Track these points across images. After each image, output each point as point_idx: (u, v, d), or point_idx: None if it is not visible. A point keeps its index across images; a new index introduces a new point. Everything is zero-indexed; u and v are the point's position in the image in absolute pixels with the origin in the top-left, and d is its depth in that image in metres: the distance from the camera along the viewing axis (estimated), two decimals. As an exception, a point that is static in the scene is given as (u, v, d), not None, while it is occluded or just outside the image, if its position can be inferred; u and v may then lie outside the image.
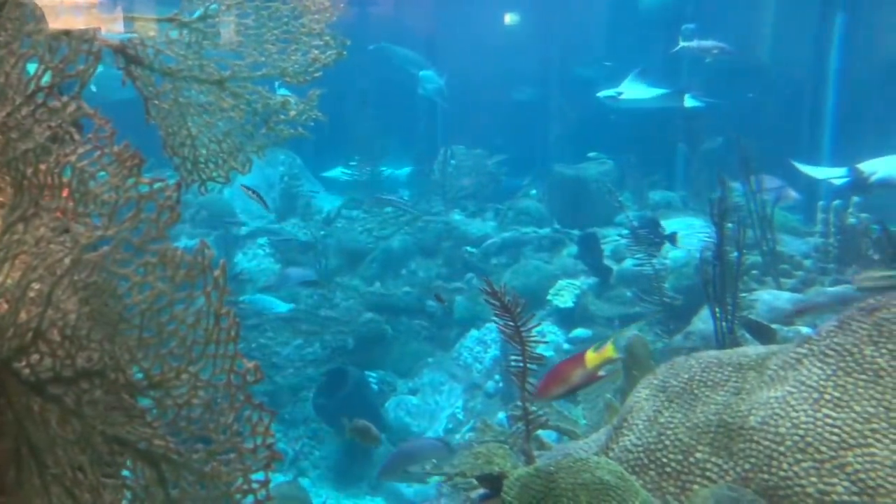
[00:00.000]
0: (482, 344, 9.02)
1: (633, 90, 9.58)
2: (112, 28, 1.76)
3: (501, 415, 7.36)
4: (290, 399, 8.71)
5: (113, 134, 1.19)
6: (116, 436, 1.17)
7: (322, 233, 11.17)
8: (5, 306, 1.25)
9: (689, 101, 9.72)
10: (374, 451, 8.36)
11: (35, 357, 1.20)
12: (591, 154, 10.43)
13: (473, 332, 9.16)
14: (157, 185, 1.12)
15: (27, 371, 1.21)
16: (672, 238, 6.60)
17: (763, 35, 11.78)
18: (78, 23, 1.67)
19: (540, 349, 3.37)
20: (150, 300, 1.12)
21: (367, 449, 8.31)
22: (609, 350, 3.56)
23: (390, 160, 12.63)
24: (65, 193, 1.21)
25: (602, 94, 9.75)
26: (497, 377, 8.48)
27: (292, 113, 1.81)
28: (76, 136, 1.22)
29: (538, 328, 3.37)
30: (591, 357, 3.52)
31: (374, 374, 9.05)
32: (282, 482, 5.84)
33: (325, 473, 8.26)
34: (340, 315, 9.13)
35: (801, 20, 11.15)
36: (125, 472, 1.19)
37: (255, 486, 1.06)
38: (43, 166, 1.23)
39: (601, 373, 3.45)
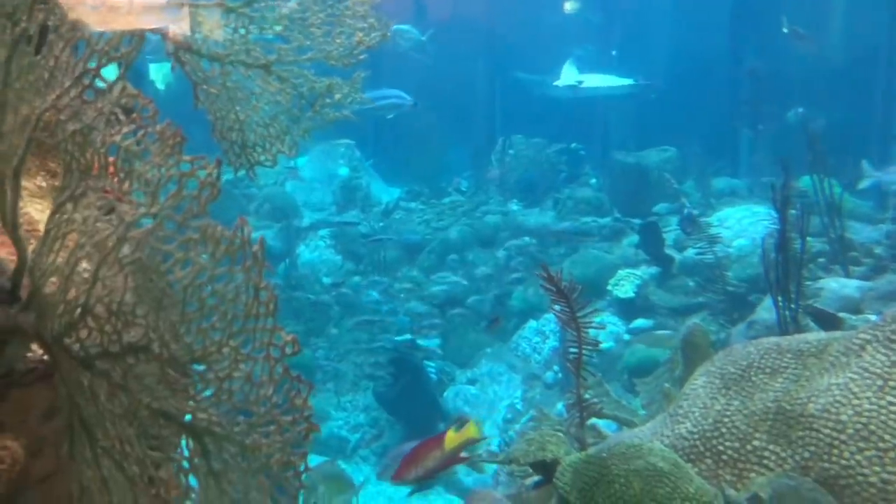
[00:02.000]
0: (540, 334, 8.97)
1: (596, 78, 9.30)
2: (174, 22, 1.80)
3: (560, 405, 7.31)
4: (351, 388, 8.83)
5: (156, 113, 1.22)
6: (162, 409, 1.20)
7: (380, 224, 11.26)
8: (56, 284, 1.29)
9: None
10: (434, 443, 8.40)
11: (84, 333, 1.24)
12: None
13: (532, 323, 9.11)
14: (198, 163, 1.14)
15: (77, 347, 1.25)
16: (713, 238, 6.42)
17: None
18: (145, 21, 1.71)
19: (601, 339, 3.33)
20: (192, 276, 1.14)
21: (425, 437, 8.37)
22: (471, 430, 3.49)
23: (450, 150, 12.62)
24: (111, 173, 1.25)
25: (560, 82, 9.40)
26: (556, 368, 8.42)
27: (338, 96, 1.83)
28: (122, 118, 1.25)
29: (597, 317, 3.33)
30: (451, 438, 3.45)
31: (432, 364, 9.09)
32: (321, 462, 5.93)
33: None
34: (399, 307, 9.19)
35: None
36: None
37: (293, 457, 1.08)
38: (90, 147, 1.26)
39: (463, 454, 3.39)
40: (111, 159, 1.26)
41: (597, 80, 9.19)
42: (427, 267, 10.22)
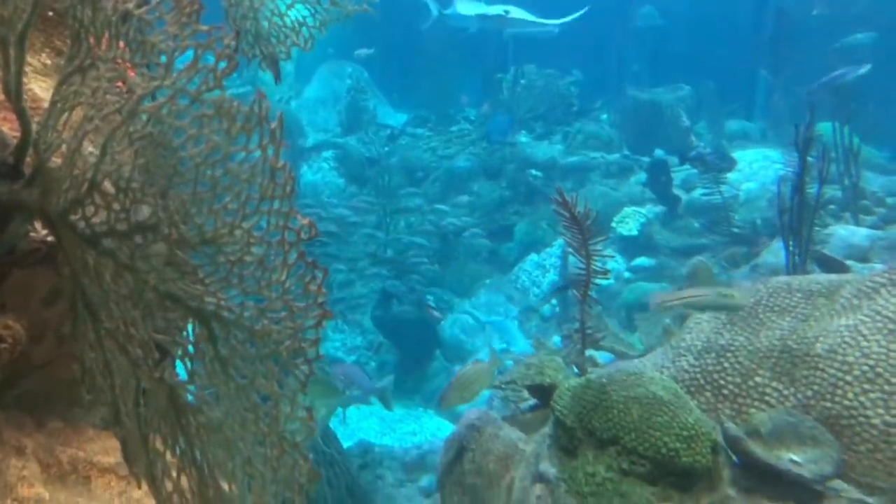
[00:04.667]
0: (541, 268, 8.96)
1: (520, 13, 8.84)
2: None
3: (556, 338, 7.35)
4: (350, 310, 8.86)
5: (172, -20, 1.14)
6: (168, 291, 1.16)
7: (386, 149, 11.11)
8: (61, 159, 1.24)
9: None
10: (429, 366, 8.50)
11: (90, 209, 1.19)
12: None
13: (533, 256, 9.09)
14: (215, 33, 1.07)
15: (82, 224, 1.20)
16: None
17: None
18: None
19: (599, 279, 3.28)
20: (205, 153, 1.08)
21: (421, 363, 8.45)
22: (495, 360, 3.62)
23: (460, 76, 12.34)
24: (121, 44, 1.18)
25: (472, 10, 8.88)
26: (554, 301, 8.44)
27: (359, -12, 1.73)
28: (135, -17, 1.17)
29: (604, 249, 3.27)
30: (481, 367, 3.58)
31: (431, 292, 9.11)
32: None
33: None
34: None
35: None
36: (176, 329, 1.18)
37: (304, 344, 1.04)
38: (100, 14, 1.19)
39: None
40: (123, 28, 1.19)
41: (521, 15, 8.69)
42: (431, 195, 10.14)
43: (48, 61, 1.63)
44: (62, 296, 1.40)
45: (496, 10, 8.81)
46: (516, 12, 8.86)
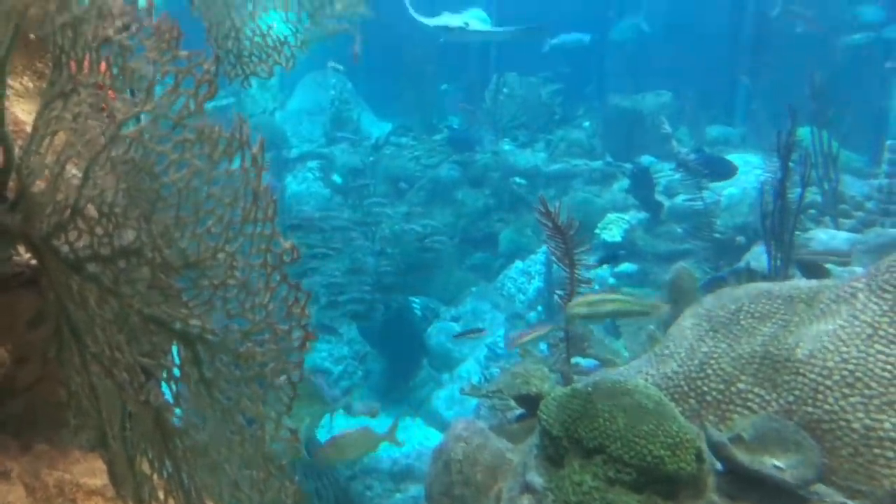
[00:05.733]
0: (526, 275, 8.99)
1: (480, 22, 9.12)
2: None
3: (543, 345, 7.37)
4: (337, 320, 8.82)
5: (151, 7, 1.15)
6: (153, 315, 1.17)
7: (370, 159, 11.11)
8: (44, 184, 1.24)
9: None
10: (416, 375, 8.50)
11: (73, 234, 1.20)
12: None
13: (518, 264, 9.12)
14: (195, 59, 1.08)
15: (66, 249, 1.21)
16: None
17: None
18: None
19: (583, 287, 3.33)
20: (187, 178, 1.09)
21: (408, 372, 8.45)
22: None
23: (442, 82, 12.38)
24: (102, 68, 1.19)
25: (432, 21, 9.19)
26: (540, 308, 8.47)
27: (339, 6, 1.75)
28: (115, 10, 1.18)
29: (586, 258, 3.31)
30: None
31: (417, 300, 9.11)
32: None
33: (366, 395, 8.42)
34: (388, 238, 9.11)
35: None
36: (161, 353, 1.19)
37: (288, 366, 1.05)
38: (81, 41, 1.20)
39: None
40: (103, 54, 1.20)
41: (478, 25, 8.99)
42: (416, 203, 10.15)
43: (30, 84, 1.64)
44: (46, 318, 1.40)
45: (456, 22, 9.03)
46: (475, 24, 9.08)
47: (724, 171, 6.38)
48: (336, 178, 10.71)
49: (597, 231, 8.38)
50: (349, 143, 11.44)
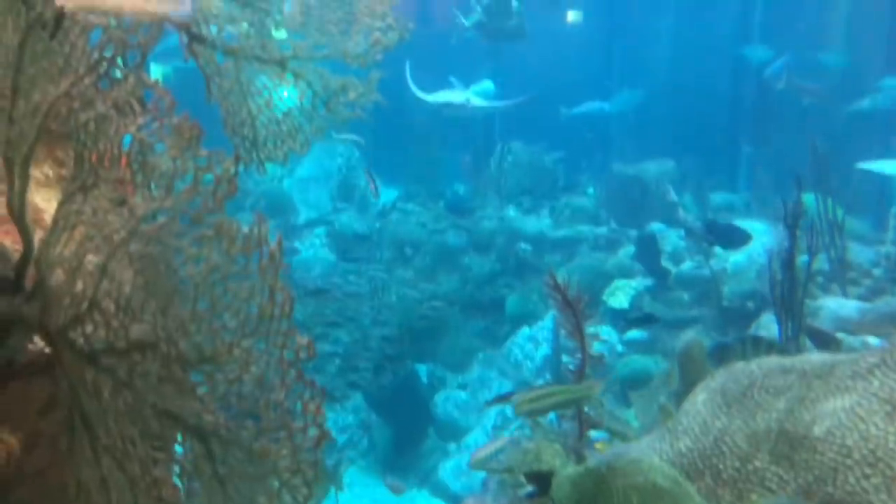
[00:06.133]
0: (533, 341, 8.93)
1: (481, 98, 9.52)
2: (177, 6, 1.76)
3: (552, 414, 7.27)
4: (341, 388, 8.75)
5: (172, 105, 1.18)
6: (167, 409, 1.16)
7: (377, 225, 11.21)
8: (63, 276, 1.25)
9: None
10: (422, 444, 8.37)
11: (90, 327, 1.20)
12: None
13: (525, 330, 9.07)
14: (214, 158, 1.10)
15: (82, 341, 1.22)
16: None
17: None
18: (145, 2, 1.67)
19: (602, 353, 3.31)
20: (204, 273, 1.10)
21: (415, 441, 8.34)
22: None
23: (448, 152, 12.58)
24: (123, 164, 1.21)
25: (434, 98, 9.61)
26: (548, 375, 8.39)
27: (352, 95, 1.79)
28: (137, 108, 1.21)
29: (593, 328, 3.29)
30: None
31: (423, 367, 9.04)
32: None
33: (372, 464, 8.29)
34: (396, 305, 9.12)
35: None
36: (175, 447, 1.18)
37: (303, 465, 1.04)
38: (103, 137, 1.22)
39: None
40: (124, 150, 1.22)
41: (479, 101, 9.43)
42: (422, 268, 10.18)
43: (50, 172, 1.67)
44: (58, 406, 1.39)
45: (458, 98, 9.38)
46: (476, 100, 9.45)
47: (738, 239, 6.36)
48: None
49: (604, 298, 8.36)
50: (356, 209, 11.59)
